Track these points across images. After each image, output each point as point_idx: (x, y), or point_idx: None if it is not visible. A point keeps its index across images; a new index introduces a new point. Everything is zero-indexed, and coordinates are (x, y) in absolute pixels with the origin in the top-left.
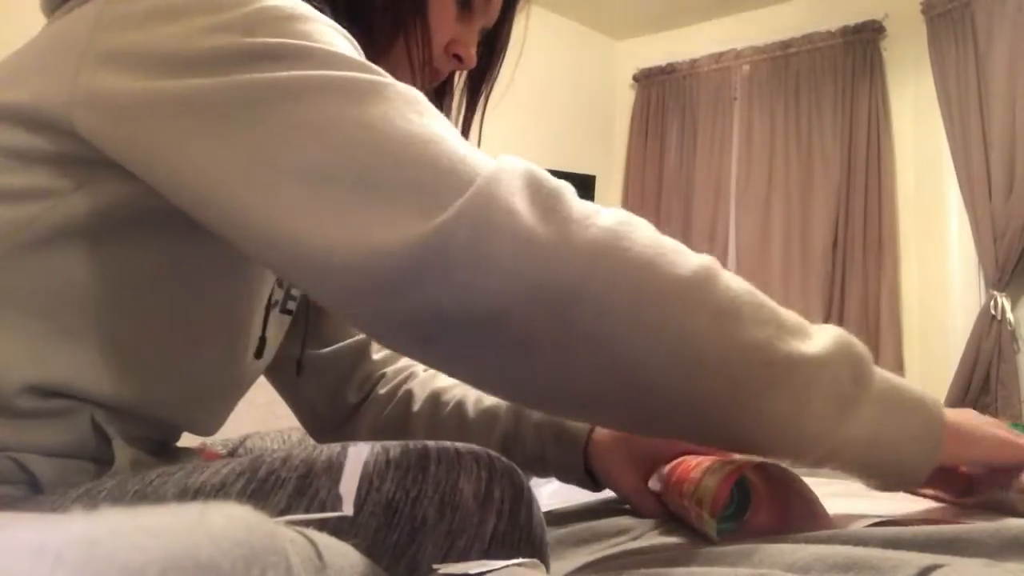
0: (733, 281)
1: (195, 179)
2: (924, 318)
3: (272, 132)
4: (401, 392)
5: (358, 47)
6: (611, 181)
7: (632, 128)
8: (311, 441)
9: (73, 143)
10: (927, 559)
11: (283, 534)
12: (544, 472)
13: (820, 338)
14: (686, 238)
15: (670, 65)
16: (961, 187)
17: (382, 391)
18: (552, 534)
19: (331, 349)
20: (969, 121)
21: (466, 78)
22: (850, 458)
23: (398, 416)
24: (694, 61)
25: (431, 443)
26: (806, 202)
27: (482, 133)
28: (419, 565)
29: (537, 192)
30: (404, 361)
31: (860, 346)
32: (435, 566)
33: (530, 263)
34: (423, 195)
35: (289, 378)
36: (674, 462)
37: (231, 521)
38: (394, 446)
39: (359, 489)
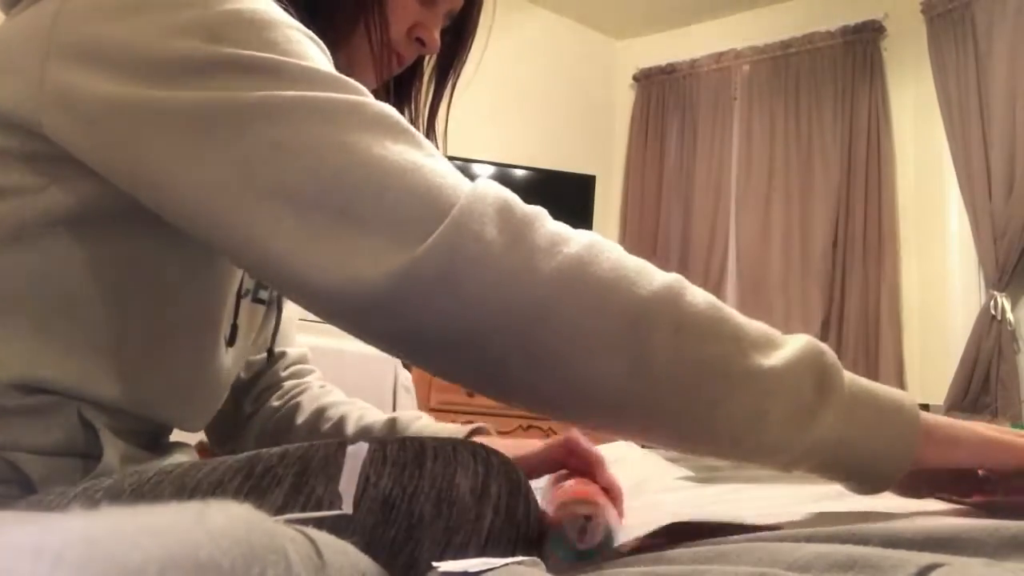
0: (697, 298)
1: (175, 193)
2: (924, 318)
3: (250, 153)
4: (289, 404)
5: (325, 49)
6: (611, 181)
7: (632, 128)
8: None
9: (44, 143)
10: (927, 558)
11: (283, 532)
12: None
13: (785, 350)
14: (686, 238)
15: (670, 65)
16: (961, 187)
17: (275, 403)
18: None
19: (252, 358)
20: (969, 121)
21: (434, 65)
22: (818, 463)
23: (282, 428)
24: (694, 61)
25: (428, 439)
26: (806, 202)
27: (448, 123)
28: (417, 562)
29: (508, 220)
30: (307, 378)
31: (827, 355)
32: (435, 564)
33: (499, 291)
34: (401, 226)
35: None
36: (558, 486)
37: (230, 519)
38: (392, 443)
39: (357, 486)
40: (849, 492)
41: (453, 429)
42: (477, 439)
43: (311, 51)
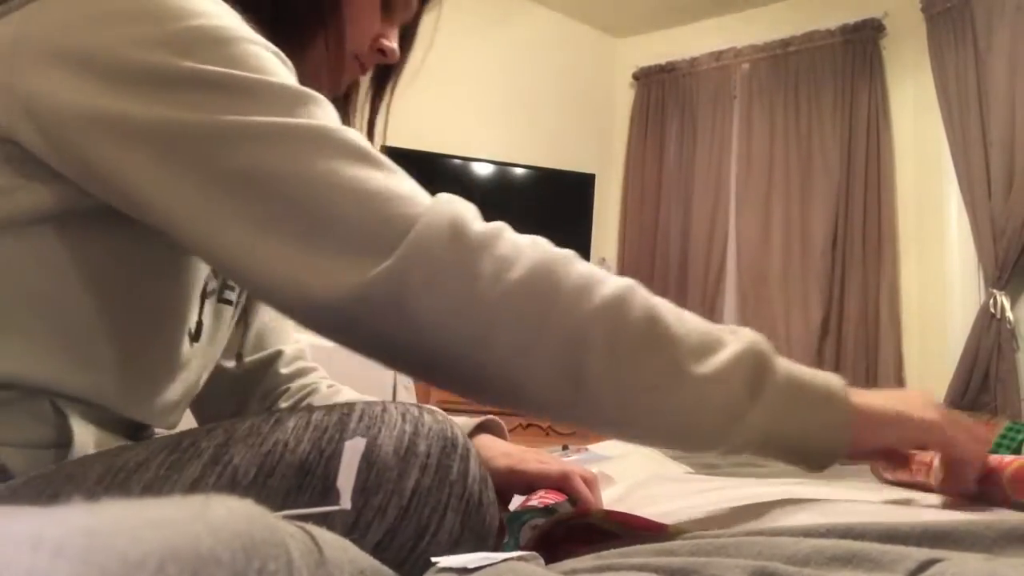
0: (637, 311)
1: (144, 205)
2: (924, 316)
3: (218, 175)
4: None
5: (288, 62)
6: (611, 179)
7: (632, 126)
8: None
9: (15, 146)
10: (925, 553)
11: (283, 527)
12: None
13: (721, 354)
14: (685, 237)
15: (670, 63)
16: (961, 185)
17: (283, 404)
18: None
19: (248, 359)
20: (969, 119)
21: (372, 75)
22: (754, 452)
23: None
24: (694, 59)
25: (360, 402)
26: (806, 200)
27: (388, 125)
28: (332, 525)
29: (459, 245)
30: (311, 377)
31: (764, 354)
32: (434, 559)
33: (445, 317)
34: (356, 250)
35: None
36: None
37: (231, 513)
38: (320, 409)
39: (271, 454)
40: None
41: (461, 423)
42: (483, 436)
43: (276, 67)
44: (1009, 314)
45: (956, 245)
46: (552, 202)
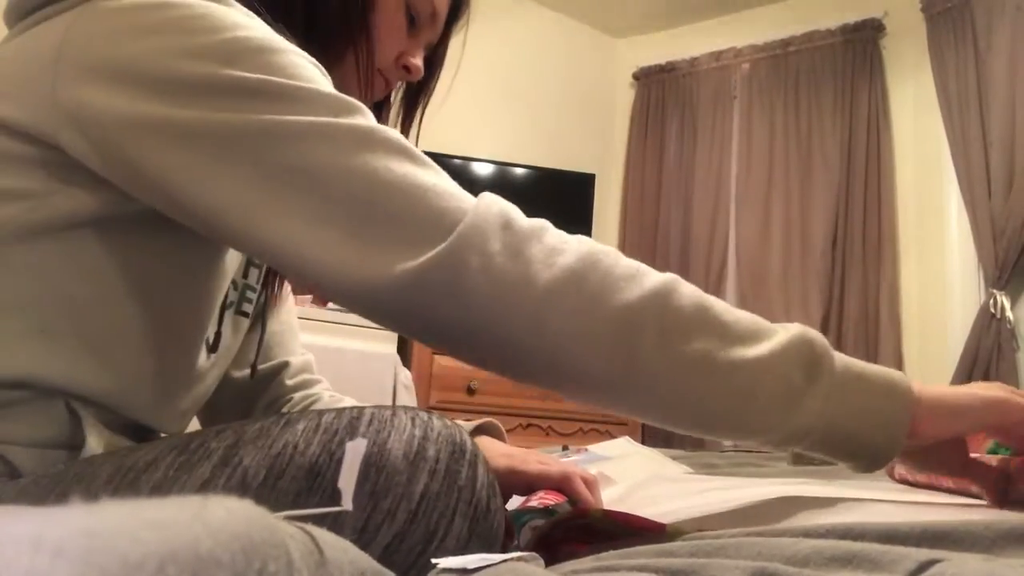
0: (683, 299)
1: (200, 208)
2: (924, 316)
3: (272, 171)
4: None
5: (326, 73)
6: (611, 179)
7: (632, 126)
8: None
9: (60, 153)
10: (925, 553)
11: (283, 528)
12: None
13: (772, 340)
14: (686, 236)
15: (670, 63)
16: (961, 185)
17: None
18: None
19: (247, 372)
20: (969, 119)
21: (403, 93)
22: (810, 444)
23: None
24: (694, 59)
25: (370, 407)
26: (806, 200)
27: (420, 140)
28: (341, 527)
29: (509, 234)
30: (315, 388)
31: (817, 343)
32: (434, 560)
33: (498, 301)
34: (411, 240)
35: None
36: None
37: (231, 514)
38: (330, 412)
39: (281, 456)
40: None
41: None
42: (482, 437)
43: (317, 75)
44: (1009, 314)
45: (956, 245)
46: (552, 202)
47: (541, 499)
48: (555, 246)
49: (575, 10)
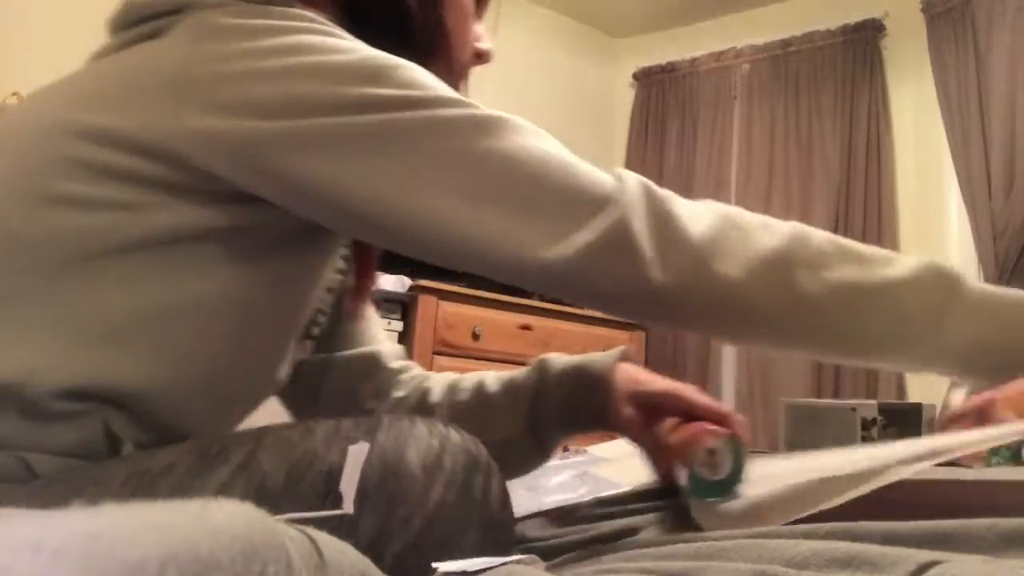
0: (818, 235)
1: (355, 201)
2: None
3: (424, 159)
4: (419, 391)
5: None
6: None
7: (632, 126)
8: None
9: (166, 167)
10: (925, 555)
11: (283, 530)
12: (576, 417)
13: (907, 262)
14: None
15: (670, 64)
16: (961, 186)
17: (398, 394)
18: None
19: (344, 354)
20: (969, 120)
21: None
22: (955, 360)
23: (417, 411)
24: (694, 59)
25: (387, 416)
26: (806, 201)
27: None
28: (357, 532)
29: (654, 195)
30: (418, 370)
31: (949, 267)
32: (434, 564)
33: (662, 258)
34: (567, 212)
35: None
36: (692, 426)
37: (231, 517)
38: (349, 420)
39: (300, 462)
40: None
41: (601, 356)
42: (625, 364)
43: (439, 82)
44: None
45: (956, 245)
46: None
47: (695, 428)
48: (691, 207)
49: (575, 10)
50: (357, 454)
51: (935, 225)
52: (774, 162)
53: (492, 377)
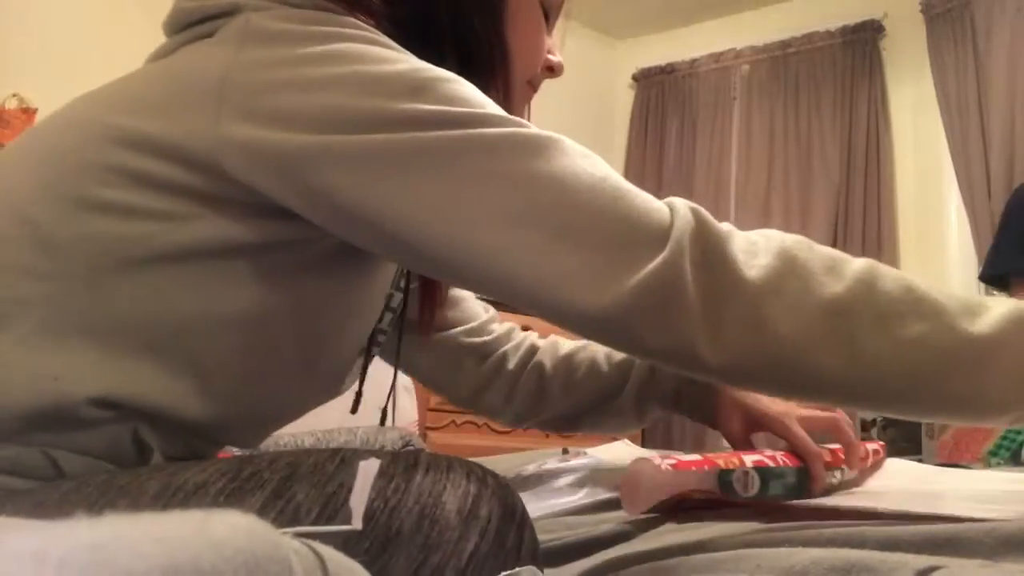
0: (891, 283)
1: (392, 224)
2: None
3: (466, 181)
4: (532, 364)
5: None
6: None
7: (631, 128)
8: (332, 442)
9: (205, 178)
10: (924, 561)
11: (287, 544)
12: (675, 405)
13: (990, 314)
14: None
15: (670, 65)
16: (961, 185)
17: (510, 366)
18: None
19: (445, 334)
20: (969, 121)
21: None
22: None
23: (532, 385)
24: (694, 61)
25: (425, 453)
26: (806, 201)
27: None
28: (388, 572)
29: (708, 229)
30: (518, 336)
31: None
32: None
33: (712, 311)
34: (616, 251)
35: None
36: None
37: (233, 529)
38: (386, 455)
39: (336, 496)
40: None
41: None
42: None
43: (487, 100)
44: None
45: (956, 245)
46: None
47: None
48: (748, 248)
49: (574, 11)
50: (367, 470)
51: (935, 225)
52: (774, 163)
53: (603, 355)
